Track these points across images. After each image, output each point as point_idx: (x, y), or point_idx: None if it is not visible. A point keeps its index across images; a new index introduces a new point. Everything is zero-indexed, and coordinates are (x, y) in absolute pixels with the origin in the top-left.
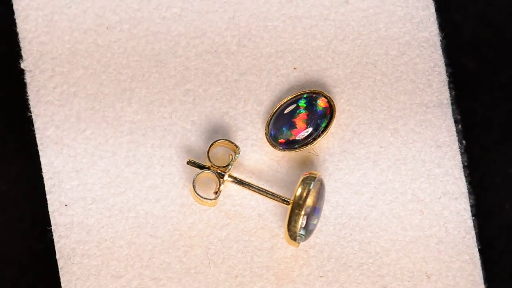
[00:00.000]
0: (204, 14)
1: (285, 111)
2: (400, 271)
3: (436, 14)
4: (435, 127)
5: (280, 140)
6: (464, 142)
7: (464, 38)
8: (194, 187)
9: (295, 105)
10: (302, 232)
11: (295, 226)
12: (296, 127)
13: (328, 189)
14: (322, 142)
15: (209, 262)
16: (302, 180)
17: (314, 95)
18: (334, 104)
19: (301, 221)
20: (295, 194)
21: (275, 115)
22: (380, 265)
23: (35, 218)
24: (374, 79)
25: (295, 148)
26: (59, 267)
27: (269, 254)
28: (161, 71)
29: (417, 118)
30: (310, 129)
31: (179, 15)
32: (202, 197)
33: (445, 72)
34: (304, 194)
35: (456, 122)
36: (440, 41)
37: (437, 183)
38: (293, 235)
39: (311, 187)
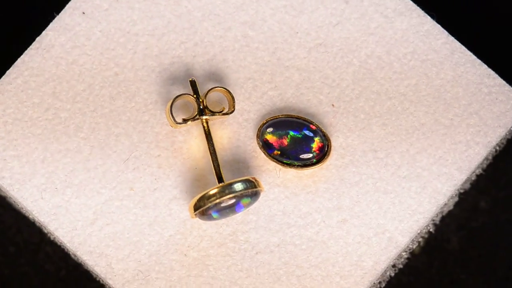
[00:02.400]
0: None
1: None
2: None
3: None
4: None
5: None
6: None
7: None
8: (171, 105)
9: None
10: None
11: (205, 203)
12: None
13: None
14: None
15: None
16: (247, 180)
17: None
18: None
19: (212, 204)
20: (230, 183)
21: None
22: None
23: None
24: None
25: (283, 163)
26: None
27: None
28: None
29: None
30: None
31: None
32: (172, 116)
33: None
34: (235, 189)
35: None
36: None
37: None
38: (197, 207)
39: (247, 190)
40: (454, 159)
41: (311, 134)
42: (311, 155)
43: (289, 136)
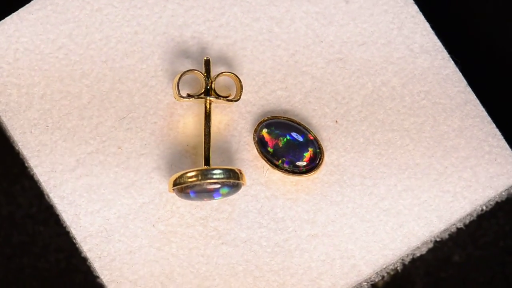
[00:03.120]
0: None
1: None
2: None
3: None
4: None
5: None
6: None
7: None
8: (180, 77)
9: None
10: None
11: (184, 181)
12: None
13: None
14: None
15: None
16: (232, 170)
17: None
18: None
19: (192, 184)
20: (214, 168)
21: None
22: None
23: None
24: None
25: (272, 164)
26: None
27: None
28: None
29: None
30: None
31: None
32: (178, 88)
33: None
34: (218, 176)
35: None
36: None
37: None
38: (176, 183)
39: (229, 180)
40: (437, 206)
41: (307, 143)
42: (301, 163)
43: (285, 139)
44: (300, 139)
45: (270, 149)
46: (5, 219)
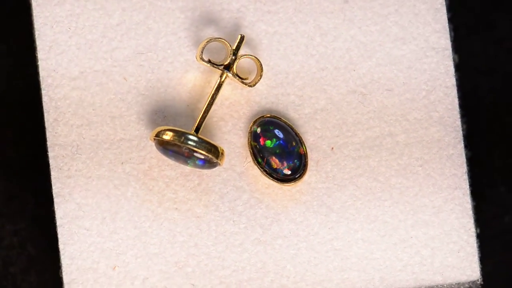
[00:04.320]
0: None
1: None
2: None
3: None
4: None
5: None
6: None
7: None
8: (209, 40)
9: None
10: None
11: (168, 136)
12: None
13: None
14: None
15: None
16: (214, 146)
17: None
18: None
19: (170, 142)
20: (198, 138)
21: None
22: None
23: None
24: None
25: (255, 159)
26: None
27: None
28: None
29: None
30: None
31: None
32: (202, 50)
33: None
34: (197, 146)
35: None
36: None
37: None
38: (159, 135)
39: (207, 155)
40: (385, 268)
41: (295, 155)
42: (285, 171)
43: (277, 142)
44: (292, 149)
45: (259, 145)
46: None
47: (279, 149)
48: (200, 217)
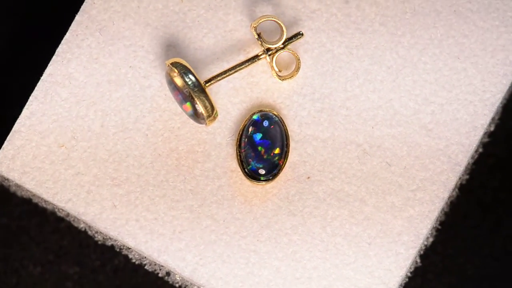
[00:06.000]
0: None
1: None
2: None
3: None
4: None
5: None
6: None
7: None
8: (270, 17)
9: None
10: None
11: (179, 68)
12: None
13: None
14: None
15: None
16: (212, 106)
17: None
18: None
19: (177, 75)
20: (204, 89)
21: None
22: None
23: None
24: None
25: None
26: None
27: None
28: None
29: None
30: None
31: None
32: (258, 23)
33: None
34: (198, 94)
35: None
36: None
37: None
38: (174, 63)
39: (201, 106)
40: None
41: (273, 161)
42: (260, 170)
43: (264, 137)
44: (274, 150)
45: (249, 132)
46: None
47: (262, 145)
48: (161, 182)
